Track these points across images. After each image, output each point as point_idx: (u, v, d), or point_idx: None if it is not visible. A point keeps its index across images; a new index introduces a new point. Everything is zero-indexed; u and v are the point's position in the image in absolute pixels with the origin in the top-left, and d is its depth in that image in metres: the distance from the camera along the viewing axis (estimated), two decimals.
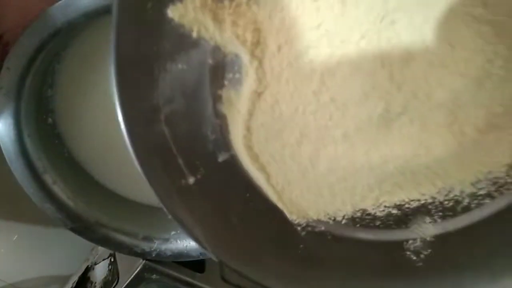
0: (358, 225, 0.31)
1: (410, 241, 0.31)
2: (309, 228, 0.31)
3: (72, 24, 0.32)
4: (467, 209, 0.30)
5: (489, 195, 0.30)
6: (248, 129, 0.28)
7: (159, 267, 0.40)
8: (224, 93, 0.27)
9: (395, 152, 0.25)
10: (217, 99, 0.27)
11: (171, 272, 0.40)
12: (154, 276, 0.40)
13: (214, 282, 0.42)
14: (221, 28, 0.25)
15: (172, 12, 0.24)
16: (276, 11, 0.24)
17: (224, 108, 0.28)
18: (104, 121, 0.40)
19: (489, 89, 0.22)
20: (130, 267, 0.40)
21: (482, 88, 0.22)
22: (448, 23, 0.21)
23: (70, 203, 0.39)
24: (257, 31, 0.25)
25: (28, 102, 0.35)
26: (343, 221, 0.31)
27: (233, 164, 0.29)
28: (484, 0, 0.21)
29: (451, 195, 0.30)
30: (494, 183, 0.29)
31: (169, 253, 0.40)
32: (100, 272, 0.45)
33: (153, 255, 0.40)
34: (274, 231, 0.31)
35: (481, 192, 0.30)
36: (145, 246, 0.40)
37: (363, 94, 0.23)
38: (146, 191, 0.40)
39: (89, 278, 0.46)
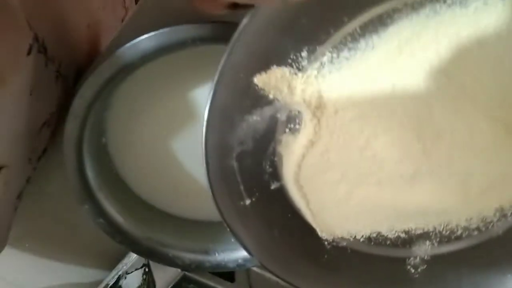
0: (372, 243, 0.39)
1: (411, 258, 0.39)
2: (334, 243, 0.39)
3: (141, 62, 0.34)
4: (459, 238, 0.38)
5: (477, 229, 0.38)
6: (299, 166, 0.35)
7: (196, 277, 0.43)
8: (284, 138, 0.34)
9: (414, 200, 0.33)
10: (278, 141, 0.34)
11: (206, 281, 0.44)
12: (191, 286, 0.43)
13: None
14: (293, 93, 0.31)
15: (258, 80, 0.30)
16: (337, 84, 0.31)
17: (282, 149, 0.34)
18: (151, 145, 0.43)
19: (494, 166, 0.30)
20: (168, 277, 0.44)
21: (489, 166, 0.30)
22: (472, 118, 0.29)
23: (119, 218, 0.42)
24: (320, 97, 0.31)
25: (91, 125, 0.38)
26: (361, 239, 0.39)
27: (282, 191, 0.36)
28: (501, 104, 0.28)
29: (449, 227, 0.38)
30: (483, 220, 0.38)
31: (208, 264, 0.42)
32: (133, 281, 0.47)
33: (193, 267, 0.42)
34: (306, 243, 0.38)
35: (472, 226, 0.38)
36: (186, 258, 0.42)
37: (399, 158, 0.31)
38: (187, 206, 0.46)
39: (120, 286, 0.47)
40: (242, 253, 0.43)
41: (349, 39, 0.30)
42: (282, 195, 0.37)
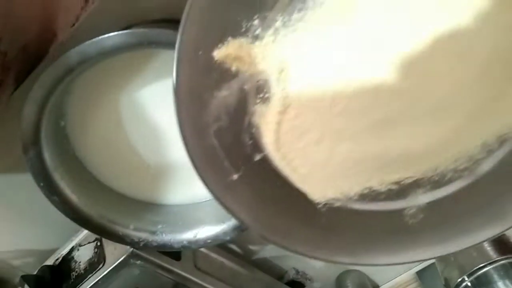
0: (366, 200, 0.40)
1: (407, 208, 0.40)
2: (328, 205, 0.39)
3: (101, 57, 0.36)
4: (450, 180, 0.39)
5: (467, 169, 0.38)
6: (277, 134, 0.36)
7: (144, 254, 0.47)
8: (257, 108, 0.35)
9: (393, 146, 0.33)
10: (252, 113, 0.35)
11: (153, 259, 0.47)
12: (138, 262, 0.46)
13: (188, 269, 0.50)
14: (254, 62, 0.32)
15: (217, 54, 0.31)
16: (295, 45, 0.32)
17: (257, 120, 0.35)
18: (108, 130, 0.45)
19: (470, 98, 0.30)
20: (117, 252, 0.47)
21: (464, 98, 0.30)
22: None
23: (73, 197, 0.44)
24: (282, 61, 0.32)
25: (49, 109, 0.38)
26: (355, 197, 0.39)
27: (266, 162, 0.37)
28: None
29: (438, 171, 0.38)
30: (470, 159, 0.38)
31: (155, 244, 0.46)
32: (85, 253, 0.50)
33: (141, 245, 0.46)
34: (300, 210, 0.39)
35: (461, 167, 0.38)
36: (135, 236, 0.46)
37: (369, 103, 0.31)
38: (140, 189, 0.49)
39: (73, 257, 0.51)
40: (188, 236, 0.47)
41: (296, 0, 0.30)
42: (267, 165, 0.38)
